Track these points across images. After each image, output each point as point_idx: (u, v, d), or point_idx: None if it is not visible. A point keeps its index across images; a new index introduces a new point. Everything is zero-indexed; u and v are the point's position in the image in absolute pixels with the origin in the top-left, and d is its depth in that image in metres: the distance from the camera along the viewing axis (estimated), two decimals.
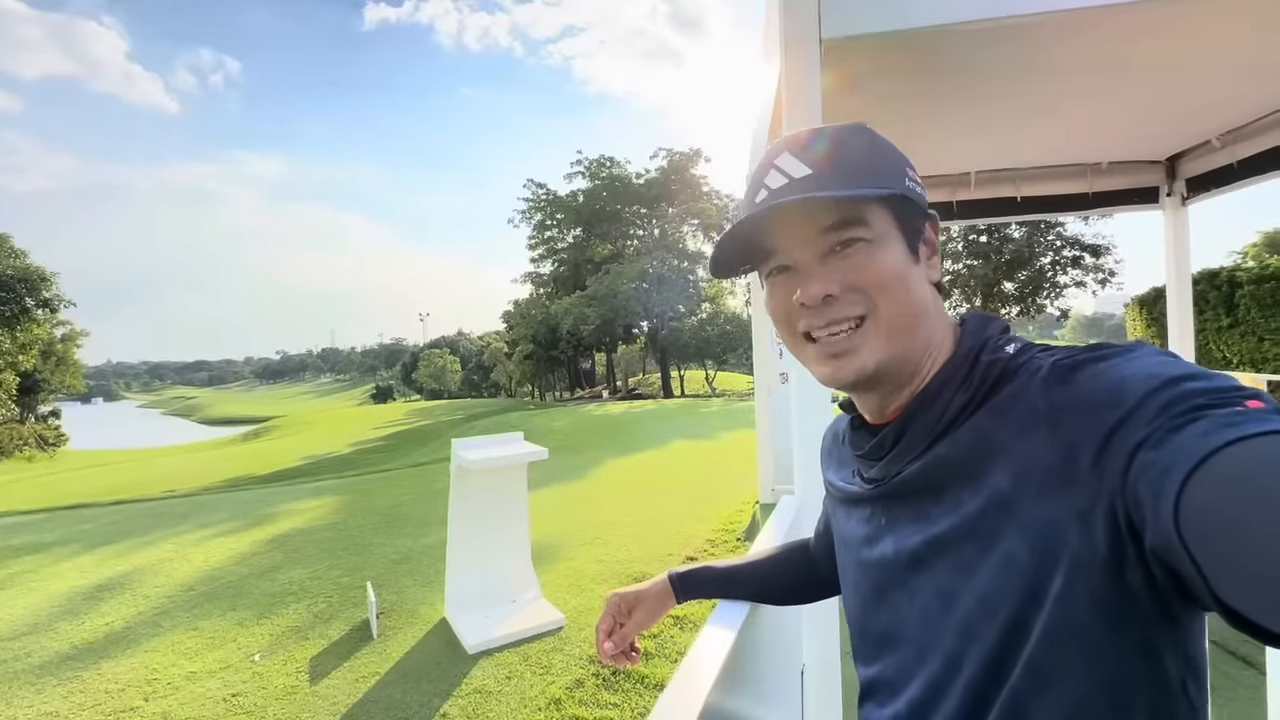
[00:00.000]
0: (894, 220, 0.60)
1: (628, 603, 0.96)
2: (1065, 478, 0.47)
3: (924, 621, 0.59)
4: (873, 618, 0.67)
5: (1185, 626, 0.48)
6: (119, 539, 6.02)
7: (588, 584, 4.22)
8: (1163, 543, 0.40)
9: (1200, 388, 0.43)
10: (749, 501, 6.08)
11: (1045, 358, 0.54)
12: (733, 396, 26.45)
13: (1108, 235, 24.62)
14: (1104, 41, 2.61)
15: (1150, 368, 0.46)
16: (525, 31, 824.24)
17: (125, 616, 4.04)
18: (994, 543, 0.52)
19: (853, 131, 0.62)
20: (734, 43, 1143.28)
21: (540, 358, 37.51)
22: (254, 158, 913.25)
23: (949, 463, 0.57)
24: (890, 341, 0.59)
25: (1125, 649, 0.47)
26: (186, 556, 5.28)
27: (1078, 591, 0.47)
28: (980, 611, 0.53)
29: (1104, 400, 0.47)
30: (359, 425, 29.65)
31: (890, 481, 0.63)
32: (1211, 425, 0.39)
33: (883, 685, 0.66)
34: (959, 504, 0.55)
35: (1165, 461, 0.40)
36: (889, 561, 0.63)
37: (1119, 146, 4.44)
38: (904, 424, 0.62)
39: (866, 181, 0.59)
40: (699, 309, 33.47)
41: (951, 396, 0.58)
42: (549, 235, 37.63)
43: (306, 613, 3.94)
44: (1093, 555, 0.46)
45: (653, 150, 42.48)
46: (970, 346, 0.60)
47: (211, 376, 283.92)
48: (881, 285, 0.58)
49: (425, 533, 5.64)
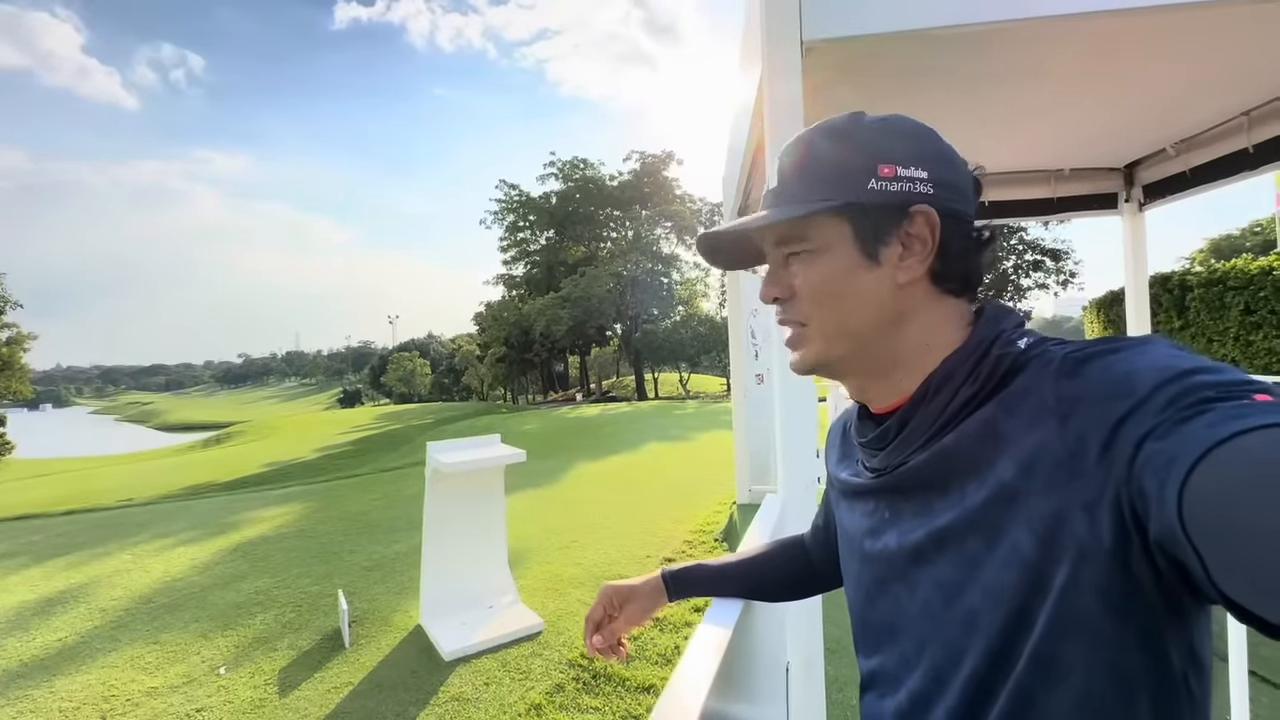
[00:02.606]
0: (849, 227, 0.61)
1: (620, 596, 0.96)
2: (1072, 469, 0.48)
3: (925, 614, 0.59)
4: (874, 610, 0.68)
5: (1191, 619, 0.49)
6: (71, 550, 5.74)
7: (566, 588, 4.18)
8: (1166, 533, 0.40)
9: (1210, 380, 0.43)
10: (726, 502, 6.11)
11: (1057, 350, 0.55)
12: (707, 398, 26.58)
13: (1067, 240, 25.54)
14: (1066, 51, 2.70)
15: (1161, 360, 0.46)
16: (499, 33, 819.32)
17: (79, 631, 3.85)
18: (999, 535, 0.52)
19: (827, 132, 0.64)
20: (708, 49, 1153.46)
21: (513, 360, 37.17)
22: (218, 155, 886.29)
23: (955, 454, 0.57)
24: (825, 344, 0.64)
25: (1130, 640, 0.47)
26: (145, 567, 5.07)
27: (1083, 583, 0.47)
28: (984, 603, 0.53)
29: (1113, 392, 0.47)
30: (325, 430, 28.94)
31: (894, 472, 0.63)
32: (1219, 417, 0.40)
33: (883, 677, 0.66)
34: (964, 496, 0.55)
35: (1171, 452, 0.40)
36: (891, 554, 0.64)
37: (1079, 153, 4.60)
38: (907, 413, 0.62)
39: (819, 192, 0.61)
40: (673, 311, 33.60)
41: (958, 387, 0.58)
42: (521, 237, 37.38)
43: (274, 622, 3.81)
44: (1099, 546, 0.46)
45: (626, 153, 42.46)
46: (982, 338, 0.60)
47: (169, 381, 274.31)
48: (811, 295, 0.63)
49: (397, 539, 5.52)
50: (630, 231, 34.43)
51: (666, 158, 34.00)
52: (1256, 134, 3.53)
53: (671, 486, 7.21)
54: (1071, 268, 24.06)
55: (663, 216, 33.36)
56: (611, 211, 35.00)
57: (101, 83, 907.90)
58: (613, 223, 35.57)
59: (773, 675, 1.61)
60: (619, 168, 35.37)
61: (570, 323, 30.01)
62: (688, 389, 34.89)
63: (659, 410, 18.39)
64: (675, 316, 33.30)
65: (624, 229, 35.15)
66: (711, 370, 40.34)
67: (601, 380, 39.92)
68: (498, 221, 36.80)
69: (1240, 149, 3.66)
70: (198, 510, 7.62)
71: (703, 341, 31.44)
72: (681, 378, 36.84)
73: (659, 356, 33.38)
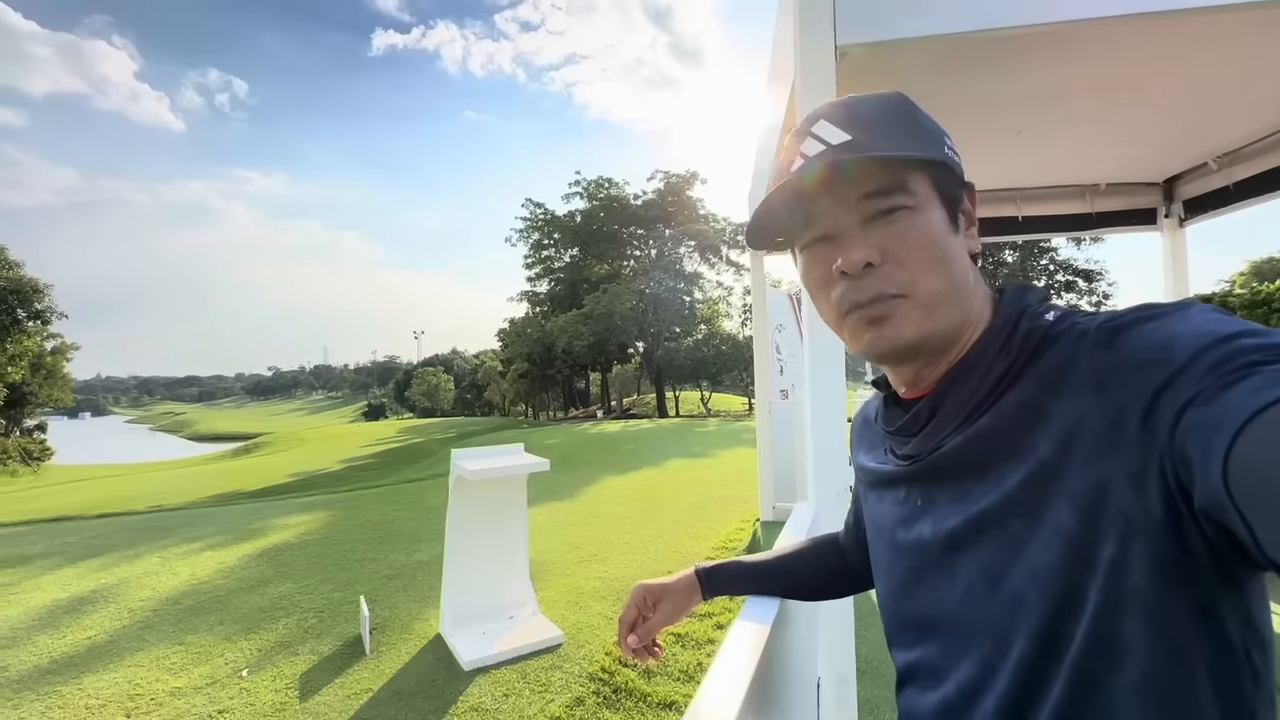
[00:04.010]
0: (934, 188, 0.58)
1: (653, 595, 0.92)
2: (1113, 441, 0.46)
3: (970, 601, 0.56)
4: (910, 602, 0.65)
5: (1246, 588, 0.47)
6: (103, 552, 5.86)
7: (586, 600, 4.13)
8: (1212, 500, 0.39)
9: (1254, 344, 0.41)
10: (749, 519, 6.01)
11: (1088, 321, 0.53)
12: (728, 417, 26.37)
13: (1099, 260, 24.97)
14: (1104, 61, 2.66)
15: (1201, 325, 0.45)
16: (529, 59, 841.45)
17: (108, 630, 3.91)
18: (1041, 514, 0.50)
19: (891, 98, 0.61)
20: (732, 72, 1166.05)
21: (535, 376, 37.39)
22: (256, 175, 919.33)
23: (992, 436, 0.55)
24: (930, 314, 0.57)
25: (1186, 614, 0.45)
26: (172, 570, 5.15)
27: (1135, 556, 0.45)
28: (1030, 585, 0.51)
29: (1152, 359, 0.45)
30: (350, 442, 29.35)
31: (928, 458, 0.61)
32: (1265, 381, 0.38)
33: (925, 670, 0.63)
34: (1002, 478, 0.53)
35: (1215, 418, 0.39)
36: (926, 543, 0.61)
37: (1117, 168, 4.51)
38: (939, 396, 0.60)
39: (908, 146, 0.57)
40: (695, 329, 33.55)
41: (990, 365, 0.56)
42: (546, 254, 37.80)
43: (296, 628, 3.82)
44: (1148, 518, 0.44)
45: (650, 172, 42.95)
46: (1009, 315, 0.58)
47: (201, 392, 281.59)
48: (923, 255, 0.57)
49: (419, 548, 5.53)
50: (653, 250, 34.64)
51: (690, 177, 34.23)
52: None
53: (693, 503, 7.12)
54: (1105, 288, 23.49)
55: (686, 235, 33.49)
56: (635, 230, 35.27)
57: (151, 106, 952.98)
58: (636, 241, 35.82)
59: (804, 690, 1.55)
60: (643, 187, 35.77)
61: (592, 339, 30.14)
62: (709, 407, 34.68)
63: (680, 428, 18.29)
64: (697, 334, 33.23)
65: (647, 247, 35.38)
66: (733, 389, 40.08)
67: (623, 397, 39.91)
68: (523, 239, 37.32)
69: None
70: (224, 516, 7.74)
71: (724, 360, 31.28)
72: (703, 396, 36.65)
73: (680, 374, 33.29)
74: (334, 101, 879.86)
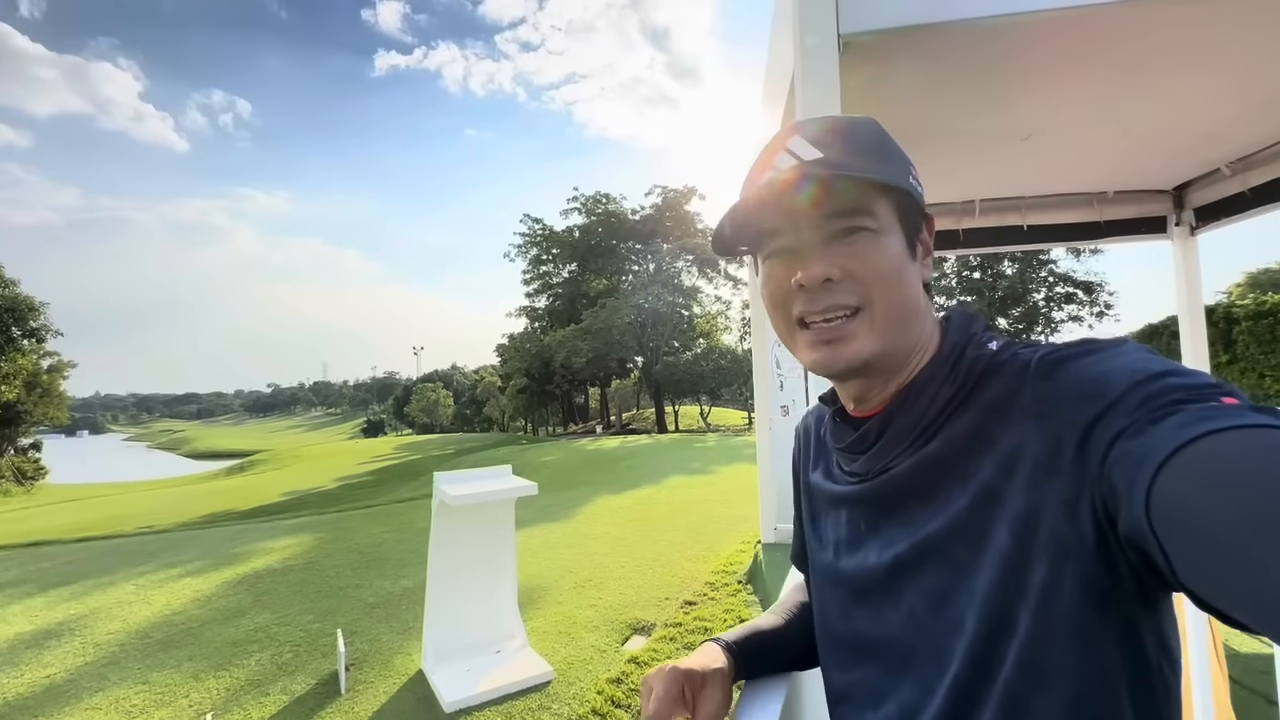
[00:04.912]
0: (896, 214, 0.60)
1: (694, 683, 0.68)
2: (1051, 468, 0.48)
3: (913, 625, 0.57)
4: (850, 624, 0.65)
5: (1161, 609, 0.49)
6: (77, 579, 5.63)
7: (579, 631, 3.91)
8: (1135, 528, 0.41)
9: (1180, 383, 0.44)
10: (750, 541, 5.79)
11: (1029, 353, 0.55)
12: (728, 431, 26.13)
13: (1100, 272, 24.93)
14: (1117, 58, 2.51)
15: (1134, 363, 0.47)
16: (529, 78, 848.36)
17: (70, 667, 3.69)
18: (984, 539, 0.51)
19: (865, 122, 0.63)
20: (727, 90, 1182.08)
21: (534, 392, 37.16)
22: (258, 193, 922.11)
23: (941, 460, 0.56)
24: (884, 335, 0.59)
25: (1112, 636, 0.47)
26: (147, 599, 4.92)
27: (1068, 580, 0.47)
28: (969, 607, 0.52)
29: (1088, 393, 0.47)
30: (347, 459, 29.06)
31: (877, 479, 0.61)
32: (1188, 419, 0.40)
33: (863, 691, 0.63)
34: (949, 502, 0.54)
35: (1141, 451, 0.41)
36: (871, 567, 0.62)
37: (1125, 175, 4.37)
38: (888, 416, 0.61)
39: (877, 170, 0.58)
40: (694, 344, 33.39)
41: (937, 390, 0.58)
42: (544, 270, 37.77)
43: (270, 663, 3.60)
44: (1081, 543, 0.46)
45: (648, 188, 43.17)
46: (955, 342, 0.60)
47: (200, 409, 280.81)
48: (880, 277, 0.58)
49: (406, 573, 5.31)
50: (651, 264, 34.56)
51: (688, 192, 34.27)
52: None
53: (692, 523, 6.90)
54: (1106, 299, 23.42)
55: (684, 250, 33.44)
56: (633, 245, 35.25)
57: (155, 126, 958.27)
58: (634, 256, 35.78)
59: None
60: (641, 202, 35.82)
61: (591, 354, 29.94)
62: (708, 422, 34.41)
63: (679, 443, 18.05)
64: (696, 349, 33.02)
65: (645, 262, 35.32)
66: (732, 403, 39.82)
67: (622, 412, 39.64)
68: (521, 255, 37.30)
69: None
70: (208, 540, 7.51)
71: (724, 374, 31.06)
72: (702, 410, 36.40)
73: (679, 389, 33.04)
74: (336, 120, 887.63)
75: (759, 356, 5.85)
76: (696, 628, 3.82)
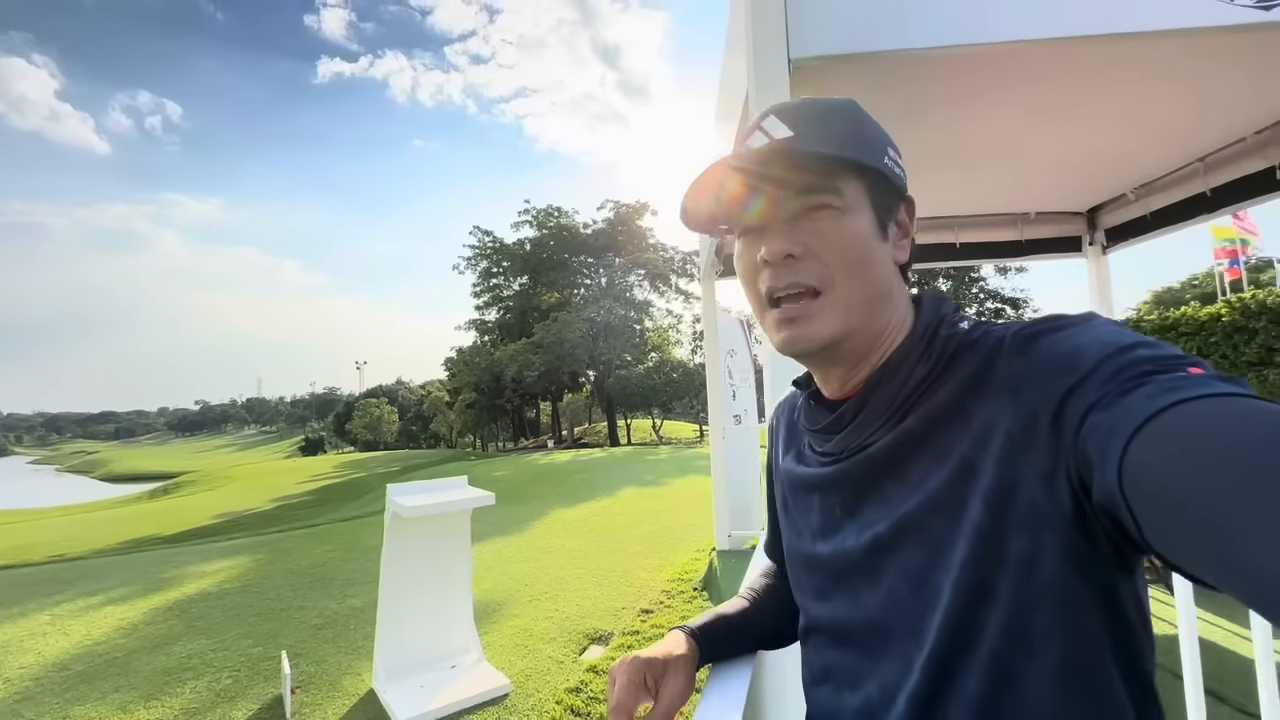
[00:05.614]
0: (866, 193, 0.60)
1: (655, 670, 0.71)
2: (1026, 442, 0.49)
3: (893, 604, 0.58)
4: (827, 605, 0.66)
5: (1136, 573, 0.51)
6: None
7: (536, 644, 3.87)
8: (1107, 497, 0.42)
9: (1148, 355, 0.45)
10: (704, 549, 5.87)
11: (1002, 330, 0.56)
12: (680, 444, 26.32)
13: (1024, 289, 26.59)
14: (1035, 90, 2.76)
15: (1104, 336, 0.49)
16: (479, 91, 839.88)
17: None
18: (961, 513, 0.52)
19: (842, 104, 0.64)
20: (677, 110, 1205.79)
21: (483, 406, 36.46)
22: (189, 200, 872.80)
23: (918, 436, 0.57)
24: (846, 315, 0.60)
25: (1093, 600, 0.49)
26: (64, 629, 4.57)
27: (1049, 549, 0.48)
28: (946, 580, 0.53)
29: (1061, 366, 0.49)
30: (284, 479, 27.67)
31: (853, 457, 0.62)
32: (1156, 389, 0.42)
33: (842, 672, 0.65)
34: (925, 479, 0.55)
35: (1112, 422, 0.42)
36: (848, 550, 0.62)
37: (1045, 198, 4.74)
38: (865, 396, 0.62)
39: (848, 150, 0.59)
40: (646, 357, 33.58)
41: (912, 369, 0.59)
42: (495, 282, 37.33)
43: (206, 690, 3.41)
44: (1059, 514, 0.48)
45: (599, 202, 43.35)
46: (928, 322, 0.61)
47: (119, 429, 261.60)
48: (843, 256, 0.59)
49: (352, 593, 5.12)
50: (604, 278, 34.68)
51: (640, 208, 34.67)
52: (1213, 178, 3.66)
53: (647, 533, 6.93)
54: (1030, 314, 25.01)
55: (635, 264, 33.73)
56: (585, 258, 35.31)
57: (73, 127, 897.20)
58: (586, 269, 35.83)
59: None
60: (593, 216, 35.97)
61: (542, 368, 29.68)
62: (661, 435, 34.57)
63: (632, 456, 18.07)
64: (648, 362, 33.21)
65: (597, 276, 35.40)
66: (684, 416, 40.15)
67: (573, 427, 39.35)
68: (471, 267, 36.76)
69: (1198, 193, 3.79)
70: (133, 565, 7.02)
71: (675, 387, 31.33)
72: (654, 424, 36.56)
73: (632, 403, 33.11)
74: (275, 127, 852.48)
75: (712, 366, 5.99)
76: (654, 635, 3.85)
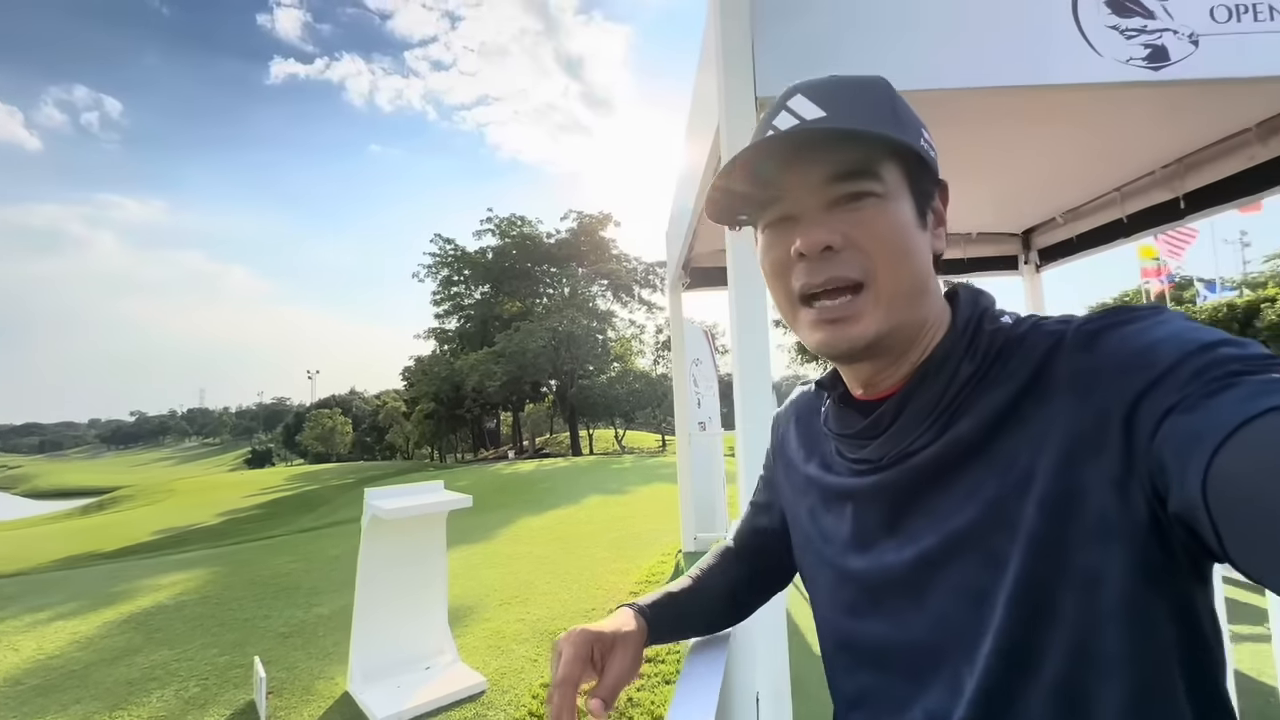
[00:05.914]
0: (905, 179, 0.55)
1: (603, 644, 0.68)
2: (1094, 446, 0.45)
3: (941, 624, 0.53)
4: (863, 624, 0.61)
5: (1209, 582, 0.47)
6: None
7: (509, 644, 3.96)
8: (1186, 507, 0.39)
9: (1235, 354, 0.41)
10: (670, 552, 6.04)
11: (1058, 324, 0.52)
12: (643, 453, 26.49)
13: None
14: (974, 129, 3.08)
15: (1182, 332, 0.45)
16: (439, 97, 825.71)
17: None
18: (1018, 523, 0.48)
19: (874, 81, 0.58)
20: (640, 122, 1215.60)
21: (442, 417, 35.91)
22: (128, 201, 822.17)
23: (968, 444, 0.52)
24: (890, 310, 0.54)
25: (1167, 614, 0.45)
26: (12, 645, 4.40)
27: (1120, 563, 0.44)
28: (1003, 598, 0.48)
29: (1134, 364, 0.45)
30: (230, 492, 26.59)
31: (895, 466, 0.57)
32: (1247, 392, 0.38)
33: (880, 697, 0.60)
34: (978, 490, 0.51)
35: (1197, 427, 0.39)
36: (889, 565, 0.57)
37: (984, 219, 5.15)
38: (905, 397, 0.56)
39: (885, 130, 0.53)
40: (609, 367, 33.70)
41: (957, 367, 0.55)
42: (455, 291, 36.89)
43: (175, 699, 3.38)
44: (1133, 523, 0.44)
45: (563, 212, 43.41)
46: (969, 316, 0.57)
47: (44, 442, 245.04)
48: (886, 247, 0.54)
49: (318, 601, 5.08)
50: (566, 288, 34.73)
51: (604, 218, 34.92)
52: (1129, 206, 4.08)
53: (613, 539, 7.06)
54: None
55: (599, 274, 33.92)
56: (548, 268, 35.30)
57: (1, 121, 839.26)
58: (549, 279, 35.81)
59: (745, 704, 1.59)
60: (556, 225, 36.05)
61: (504, 378, 29.46)
62: (623, 444, 34.68)
63: (596, 465, 18.14)
64: (611, 372, 33.36)
65: (560, 285, 35.42)
66: (646, 426, 40.37)
67: (535, 437, 39.05)
68: (431, 275, 36.25)
69: (1116, 219, 4.21)
70: (78, 580, 6.74)
71: (638, 397, 31.55)
72: (617, 434, 36.64)
73: (594, 412, 33.16)
74: (224, 127, 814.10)
75: (679, 374, 6.20)
76: None
